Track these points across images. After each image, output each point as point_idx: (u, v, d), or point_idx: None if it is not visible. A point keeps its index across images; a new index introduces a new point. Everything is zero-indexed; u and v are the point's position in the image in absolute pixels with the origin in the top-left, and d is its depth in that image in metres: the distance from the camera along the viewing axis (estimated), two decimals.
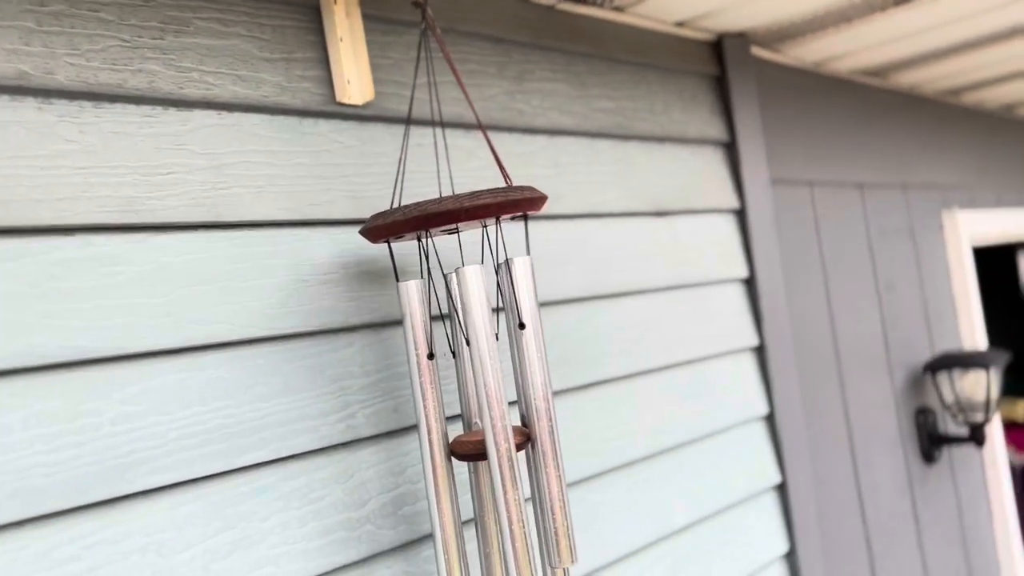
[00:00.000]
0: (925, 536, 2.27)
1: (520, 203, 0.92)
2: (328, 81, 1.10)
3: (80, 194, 0.87)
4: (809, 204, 2.04)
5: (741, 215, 1.77)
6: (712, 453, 1.61)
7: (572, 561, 0.95)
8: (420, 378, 0.95)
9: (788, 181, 1.98)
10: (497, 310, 1.19)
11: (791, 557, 1.75)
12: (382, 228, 0.92)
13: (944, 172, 2.68)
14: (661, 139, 1.63)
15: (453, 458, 1.06)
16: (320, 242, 1.07)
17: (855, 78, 2.32)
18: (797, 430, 1.80)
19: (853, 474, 2.03)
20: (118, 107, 0.92)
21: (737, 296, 1.74)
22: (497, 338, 0.93)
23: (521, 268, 0.95)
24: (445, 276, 1.02)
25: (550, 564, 0.96)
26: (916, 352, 2.38)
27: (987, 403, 2.26)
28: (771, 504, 1.73)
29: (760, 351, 1.76)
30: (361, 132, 1.14)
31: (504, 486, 0.90)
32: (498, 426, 0.91)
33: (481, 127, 0.99)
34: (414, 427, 1.14)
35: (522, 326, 0.95)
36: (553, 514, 0.95)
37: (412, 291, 0.96)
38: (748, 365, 1.74)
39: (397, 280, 0.98)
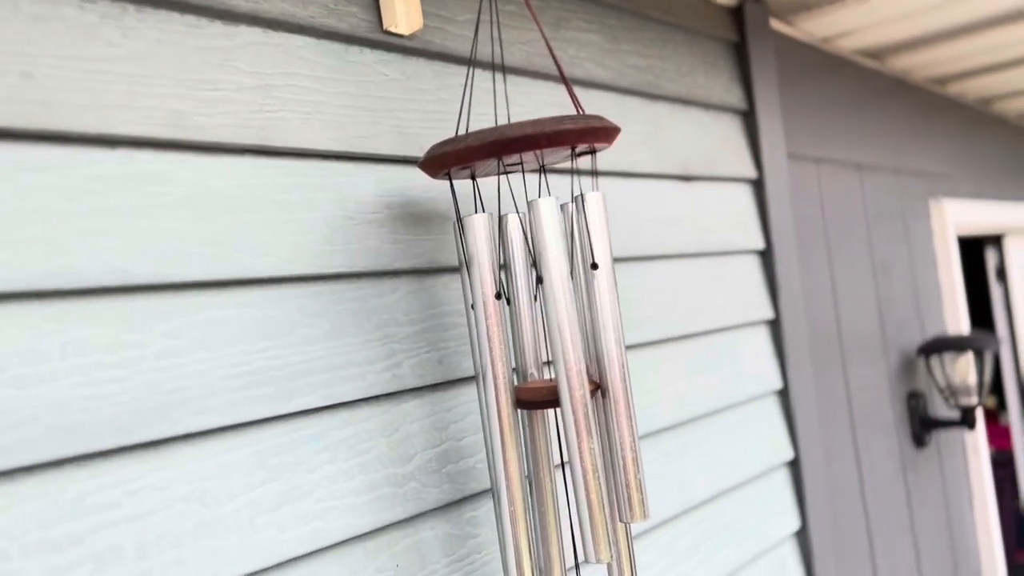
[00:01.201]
0: (916, 520, 2.27)
1: (599, 132, 0.86)
2: (375, 7, 1.03)
3: (126, 103, 0.78)
4: (816, 181, 2.02)
5: (759, 186, 1.74)
6: (730, 427, 1.57)
7: (644, 516, 0.89)
8: (487, 320, 0.88)
9: (798, 156, 1.95)
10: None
11: (802, 535, 1.72)
12: (451, 155, 0.85)
13: (930, 160, 2.70)
14: (687, 102, 1.58)
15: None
16: (366, 178, 1.00)
17: (856, 59, 2.31)
18: (809, 406, 1.77)
19: (855, 455, 2.02)
20: (162, 13, 0.83)
21: (754, 268, 1.70)
22: (572, 276, 0.87)
23: (594, 204, 0.89)
24: (502, 216, 0.96)
25: (620, 519, 0.90)
26: (909, 335, 2.38)
27: (980, 386, 2.26)
28: (783, 481, 1.70)
29: (775, 324, 1.73)
30: (405, 66, 1.07)
31: (579, 434, 0.84)
32: (573, 370, 0.85)
33: (559, 66, 0.93)
34: (459, 381, 1.07)
35: (595, 266, 0.89)
36: (625, 466, 0.89)
37: (478, 226, 0.89)
38: (763, 338, 1.70)
39: (459, 216, 0.91)
